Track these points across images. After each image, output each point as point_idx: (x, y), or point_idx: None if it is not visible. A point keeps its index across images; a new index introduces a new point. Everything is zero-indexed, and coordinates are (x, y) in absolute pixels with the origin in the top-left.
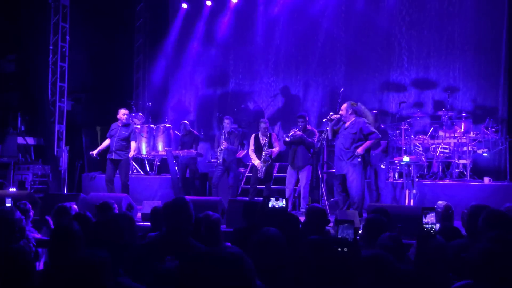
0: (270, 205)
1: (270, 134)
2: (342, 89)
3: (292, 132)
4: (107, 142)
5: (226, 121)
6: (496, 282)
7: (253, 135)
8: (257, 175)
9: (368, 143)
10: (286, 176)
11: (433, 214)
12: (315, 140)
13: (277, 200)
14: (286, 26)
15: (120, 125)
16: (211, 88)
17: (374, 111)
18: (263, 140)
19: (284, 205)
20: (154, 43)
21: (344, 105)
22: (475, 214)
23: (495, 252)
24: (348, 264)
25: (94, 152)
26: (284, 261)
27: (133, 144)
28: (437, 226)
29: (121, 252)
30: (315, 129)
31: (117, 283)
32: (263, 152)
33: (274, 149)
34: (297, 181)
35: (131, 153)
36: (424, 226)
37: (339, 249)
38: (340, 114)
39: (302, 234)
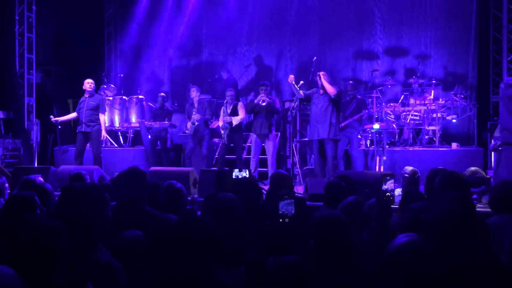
0: (233, 176)
1: (236, 104)
2: (315, 57)
3: (260, 99)
4: (73, 114)
5: (192, 89)
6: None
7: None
8: (225, 145)
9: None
10: None
11: (392, 180)
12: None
13: (240, 171)
14: None
15: (87, 96)
16: (185, 58)
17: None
18: (228, 108)
19: (247, 176)
20: (125, 12)
21: (325, 74)
22: (432, 177)
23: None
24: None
25: (58, 119)
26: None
27: (101, 118)
28: (399, 191)
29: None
30: (277, 99)
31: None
32: (224, 118)
33: (234, 117)
34: (263, 151)
35: (103, 131)
36: (385, 192)
37: (280, 220)
38: (323, 77)
39: (265, 202)
